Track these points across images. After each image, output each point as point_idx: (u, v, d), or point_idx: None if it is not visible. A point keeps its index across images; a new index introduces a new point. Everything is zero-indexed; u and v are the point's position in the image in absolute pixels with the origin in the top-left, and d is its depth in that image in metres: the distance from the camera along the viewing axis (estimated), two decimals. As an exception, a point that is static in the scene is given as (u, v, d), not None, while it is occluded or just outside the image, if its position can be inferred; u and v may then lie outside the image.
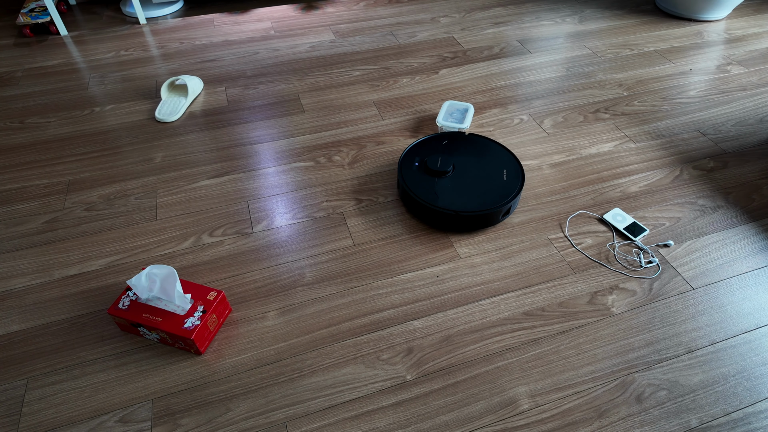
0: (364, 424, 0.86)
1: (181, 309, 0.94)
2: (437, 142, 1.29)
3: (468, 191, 1.16)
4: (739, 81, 1.69)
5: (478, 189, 1.16)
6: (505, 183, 1.16)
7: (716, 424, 0.86)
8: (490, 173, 1.20)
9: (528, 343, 0.97)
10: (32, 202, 1.27)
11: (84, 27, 2.03)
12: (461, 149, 1.26)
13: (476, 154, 1.25)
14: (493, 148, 1.27)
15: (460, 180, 1.18)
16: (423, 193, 1.14)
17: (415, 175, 1.19)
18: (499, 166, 1.21)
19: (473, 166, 1.21)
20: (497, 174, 1.19)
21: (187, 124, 1.52)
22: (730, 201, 1.26)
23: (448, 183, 1.17)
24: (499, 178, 1.17)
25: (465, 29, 2.00)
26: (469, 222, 1.13)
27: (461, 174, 1.19)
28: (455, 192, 1.15)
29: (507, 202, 1.13)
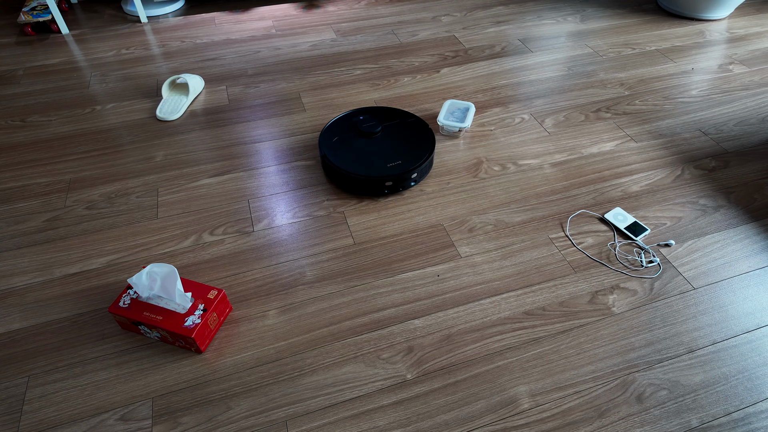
0: (364, 423, 0.86)
1: (182, 307, 0.94)
2: (354, 117, 1.38)
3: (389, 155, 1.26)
4: (741, 80, 1.68)
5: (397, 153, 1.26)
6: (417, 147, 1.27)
7: (717, 424, 0.86)
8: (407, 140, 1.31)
9: (528, 342, 0.97)
10: (33, 200, 1.27)
11: (85, 25, 2.03)
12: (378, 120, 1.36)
13: (394, 124, 1.35)
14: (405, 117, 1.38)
15: (380, 146, 1.28)
16: (344, 162, 1.22)
17: (336, 144, 1.27)
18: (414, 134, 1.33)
19: (395, 134, 1.32)
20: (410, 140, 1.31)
21: (188, 123, 1.52)
22: (732, 201, 1.26)
23: (372, 148, 1.27)
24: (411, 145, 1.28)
25: (466, 28, 2.00)
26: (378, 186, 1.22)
27: (383, 140, 1.29)
28: (378, 156, 1.25)
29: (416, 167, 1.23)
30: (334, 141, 1.22)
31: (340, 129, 1.32)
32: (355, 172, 1.18)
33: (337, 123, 1.34)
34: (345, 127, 1.32)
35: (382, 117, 1.36)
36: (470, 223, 1.20)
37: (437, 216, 1.22)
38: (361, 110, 1.38)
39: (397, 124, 1.30)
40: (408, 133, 1.31)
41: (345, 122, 1.35)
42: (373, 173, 1.19)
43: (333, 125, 1.33)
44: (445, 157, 1.39)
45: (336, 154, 1.21)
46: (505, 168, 1.36)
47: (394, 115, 1.35)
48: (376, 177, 1.18)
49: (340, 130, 1.31)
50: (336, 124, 1.33)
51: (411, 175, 1.23)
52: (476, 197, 1.27)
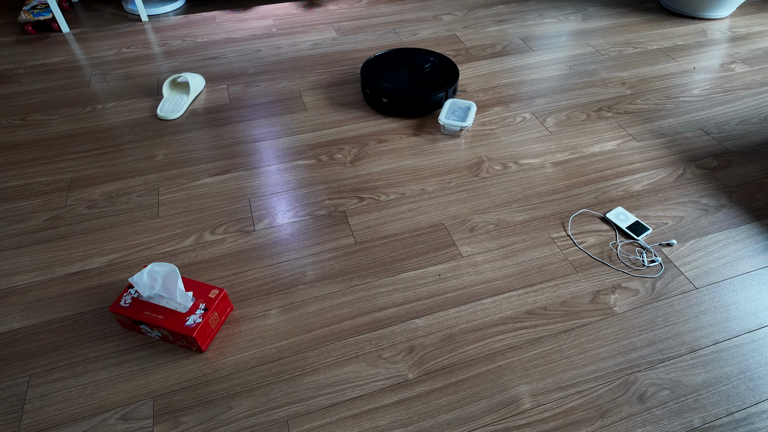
0: (365, 423, 0.86)
1: (183, 307, 0.94)
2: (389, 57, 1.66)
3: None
4: (743, 79, 1.68)
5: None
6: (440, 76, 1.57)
7: (719, 424, 0.86)
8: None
9: (530, 342, 0.97)
10: (34, 199, 1.27)
11: (86, 24, 2.03)
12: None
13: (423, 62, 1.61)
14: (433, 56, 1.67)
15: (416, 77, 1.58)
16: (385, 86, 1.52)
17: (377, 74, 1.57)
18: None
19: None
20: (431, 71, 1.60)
21: (188, 122, 1.52)
22: (734, 200, 1.26)
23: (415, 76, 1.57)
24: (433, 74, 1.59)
25: (467, 27, 1.99)
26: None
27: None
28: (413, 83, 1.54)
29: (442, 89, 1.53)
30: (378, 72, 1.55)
31: (381, 64, 1.61)
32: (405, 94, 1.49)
33: (377, 59, 1.63)
34: (385, 62, 1.62)
35: (419, 56, 1.64)
36: (471, 223, 1.20)
37: (438, 215, 1.22)
38: (395, 50, 1.68)
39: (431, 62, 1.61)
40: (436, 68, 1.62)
41: (383, 59, 1.64)
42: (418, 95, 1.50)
43: (373, 61, 1.62)
44: (447, 156, 1.39)
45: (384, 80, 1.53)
46: (507, 167, 1.36)
47: (425, 55, 1.66)
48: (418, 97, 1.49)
49: (380, 65, 1.61)
50: (375, 61, 1.63)
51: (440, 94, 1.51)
52: (477, 196, 1.27)
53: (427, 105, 1.50)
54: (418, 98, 1.47)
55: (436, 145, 1.43)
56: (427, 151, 1.40)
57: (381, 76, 1.53)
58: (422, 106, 1.50)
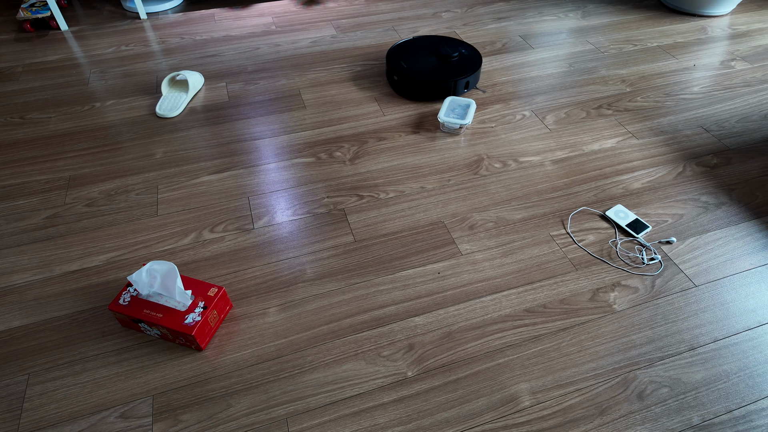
0: (364, 421, 0.86)
1: (182, 305, 0.94)
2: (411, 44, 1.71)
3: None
4: (743, 77, 1.68)
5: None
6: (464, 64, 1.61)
7: (718, 422, 0.86)
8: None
9: (529, 339, 0.97)
10: (33, 197, 1.27)
11: (84, 22, 2.02)
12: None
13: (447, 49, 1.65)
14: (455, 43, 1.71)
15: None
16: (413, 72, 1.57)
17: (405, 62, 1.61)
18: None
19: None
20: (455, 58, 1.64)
21: (187, 120, 1.52)
22: (734, 198, 1.26)
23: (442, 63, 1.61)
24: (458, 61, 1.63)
25: (467, 24, 1.99)
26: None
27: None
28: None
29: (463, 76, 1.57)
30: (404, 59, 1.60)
31: (412, 47, 1.67)
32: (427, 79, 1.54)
33: (400, 47, 1.68)
34: (417, 46, 1.68)
35: (442, 44, 1.69)
36: (471, 221, 1.20)
37: (438, 213, 1.22)
38: (419, 38, 1.73)
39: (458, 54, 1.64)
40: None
41: (407, 46, 1.69)
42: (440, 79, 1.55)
43: (397, 48, 1.67)
44: (446, 154, 1.39)
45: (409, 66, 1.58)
46: (506, 165, 1.35)
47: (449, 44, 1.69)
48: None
49: (406, 51, 1.66)
50: (399, 48, 1.67)
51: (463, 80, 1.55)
52: (477, 194, 1.27)
53: (434, 90, 1.53)
54: (425, 81, 1.51)
55: (435, 142, 1.42)
56: (427, 149, 1.40)
57: (404, 57, 1.59)
58: (428, 90, 1.53)
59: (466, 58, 1.61)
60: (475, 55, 1.63)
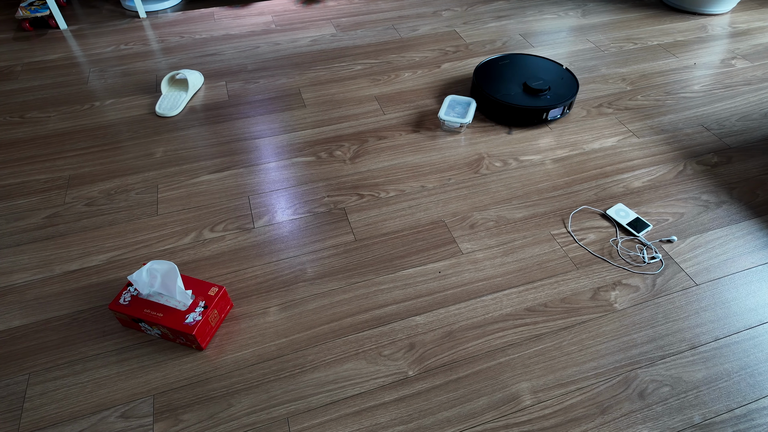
0: (365, 420, 0.86)
1: (183, 305, 0.94)
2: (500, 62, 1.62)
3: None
4: (744, 75, 1.67)
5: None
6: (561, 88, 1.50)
7: (719, 421, 0.86)
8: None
9: (530, 339, 0.97)
10: (32, 197, 1.27)
11: (83, 21, 2.02)
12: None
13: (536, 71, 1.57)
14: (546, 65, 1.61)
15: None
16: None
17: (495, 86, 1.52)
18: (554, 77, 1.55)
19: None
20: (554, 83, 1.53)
21: (187, 119, 1.51)
22: (734, 196, 1.25)
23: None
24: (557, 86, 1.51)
25: (467, 23, 1.99)
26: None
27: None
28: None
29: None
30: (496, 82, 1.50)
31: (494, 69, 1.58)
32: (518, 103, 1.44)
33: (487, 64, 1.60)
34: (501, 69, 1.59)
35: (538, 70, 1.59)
36: (472, 220, 1.20)
37: (438, 212, 1.22)
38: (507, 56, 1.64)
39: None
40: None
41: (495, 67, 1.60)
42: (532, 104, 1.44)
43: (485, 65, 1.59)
44: (446, 152, 1.39)
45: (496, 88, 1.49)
46: (507, 164, 1.35)
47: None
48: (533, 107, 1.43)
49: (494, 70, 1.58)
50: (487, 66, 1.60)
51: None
52: (477, 193, 1.27)
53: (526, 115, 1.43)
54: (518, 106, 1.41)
55: (435, 141, 1.42)
56: (427, 148, 1.40)
57: (495, 80, 1.51)
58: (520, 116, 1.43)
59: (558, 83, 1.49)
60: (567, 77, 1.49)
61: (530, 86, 1.45)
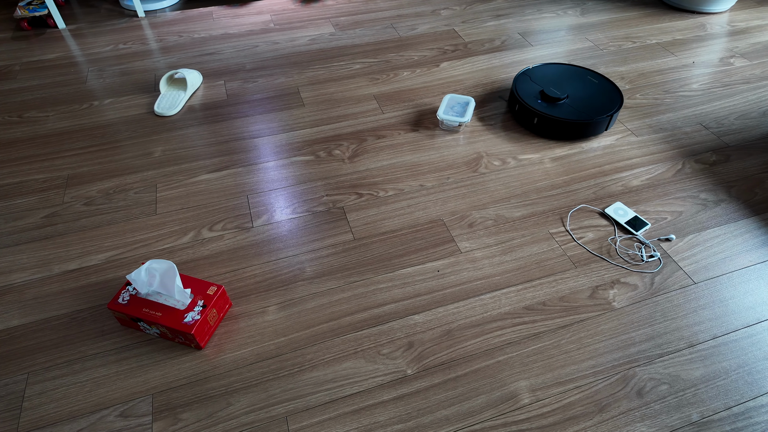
0: (364, 419, 0.86)
1: (181, 304, 0.94)
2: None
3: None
4: (742, 74, 1.68)
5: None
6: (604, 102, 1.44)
7: (717, 418, 0.86)
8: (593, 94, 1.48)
9: (529, 337, 0.97)
10: (31, 196, 1.27)
11: (82, 20, 2.01)
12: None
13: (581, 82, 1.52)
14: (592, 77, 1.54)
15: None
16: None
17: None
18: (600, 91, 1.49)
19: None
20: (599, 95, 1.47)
21: (186, 118, 1.51)
22: (733, 195, 1.26)
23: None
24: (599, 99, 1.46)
25: (466, 22, 1.98)
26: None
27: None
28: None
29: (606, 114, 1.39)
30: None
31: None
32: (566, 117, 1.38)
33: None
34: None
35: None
36: (470, 218, 1.20)
37: (437, 211, 1.22)
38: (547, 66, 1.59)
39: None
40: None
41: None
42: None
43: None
44: (445, 151, 1.39)
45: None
46: (506, 163, 1.35)
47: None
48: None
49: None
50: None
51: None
52: (476, 192, 1.27)
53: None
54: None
55: (434, 140, 1.42)
56: (426, 147, 1.40)
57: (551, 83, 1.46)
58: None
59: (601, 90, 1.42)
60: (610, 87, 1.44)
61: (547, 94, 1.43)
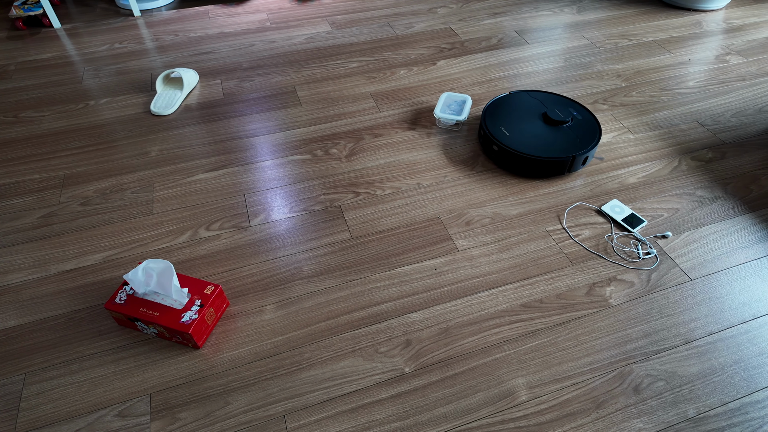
0: (362, 417, 0.86)
1: (179, 303, 0.94)
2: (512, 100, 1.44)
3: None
4: (738, 71, 1.68)
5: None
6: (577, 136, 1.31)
7: (713, 414, 0.86)
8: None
9: (526, 334, 0.98)
10: (27, 196, 1.26)
11: (77, 19, 2.01)
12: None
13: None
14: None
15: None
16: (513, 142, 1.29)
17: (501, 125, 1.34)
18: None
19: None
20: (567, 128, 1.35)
21: (182, 118, 1.51)
22: (728, 192, 1.26)
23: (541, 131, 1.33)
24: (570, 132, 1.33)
25: (462, 20, 1.98)
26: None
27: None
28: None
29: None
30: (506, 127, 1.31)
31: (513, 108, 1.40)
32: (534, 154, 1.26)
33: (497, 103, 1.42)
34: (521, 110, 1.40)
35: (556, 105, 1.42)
36: (467, 216, 1.20)
37: (434, 209, 1.22)
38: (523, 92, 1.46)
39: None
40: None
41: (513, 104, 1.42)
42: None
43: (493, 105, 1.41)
44: (442, 150, 1.39)
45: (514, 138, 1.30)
46: (502, 161, 1.35)
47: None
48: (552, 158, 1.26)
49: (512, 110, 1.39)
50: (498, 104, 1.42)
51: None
52: (473, 190, 1.27)
53: (546, 167, 1.26)
54: (536, 158, 1.24)
55: (431, 139, 1.42)
56: (423, 145, 1.40)
57: (504, 118, 1.34)
58: (539, 167, 1.26)
59: (578, 122, 1.33)
60: (588, 117, 1.35)
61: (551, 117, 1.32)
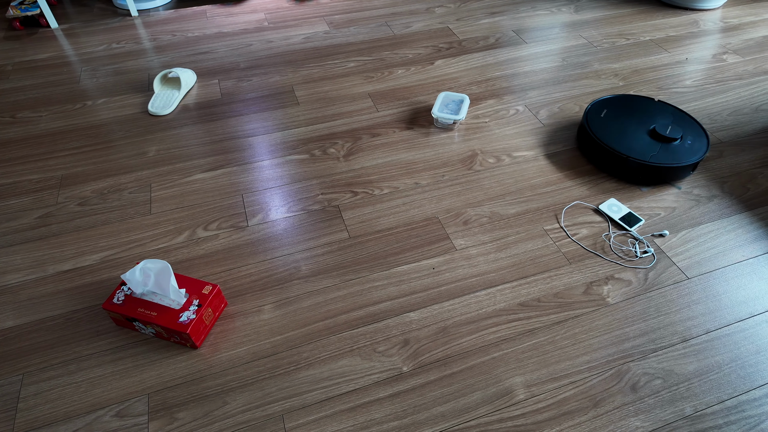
0: (360, 416, 0.86)
1: (176, 303, 0.94)
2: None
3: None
4: (735, 70, 1.68)
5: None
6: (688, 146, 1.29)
7: (710, 412, 0.87)
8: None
9: (524, 333, 0.98)
10: (25, 197, 1.26)
11: (74, 19, 2.00)
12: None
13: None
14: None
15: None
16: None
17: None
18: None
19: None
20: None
21: (180, 118, 1.51)
22: (726, 190, 1.26)
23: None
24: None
25: (460, 19, 1.99)
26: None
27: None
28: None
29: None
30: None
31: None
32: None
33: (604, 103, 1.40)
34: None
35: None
36: (465, 216, 1.20)
37: (432, 209, 1.22)
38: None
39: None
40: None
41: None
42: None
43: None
44: (440, 149, 1.39)
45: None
46: (500, 160, 1.36)
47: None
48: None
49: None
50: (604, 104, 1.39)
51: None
52: (471, 189, 1.27)
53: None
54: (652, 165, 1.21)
55: (429, 138, 1.42)
56: (421, 145, 1.40)
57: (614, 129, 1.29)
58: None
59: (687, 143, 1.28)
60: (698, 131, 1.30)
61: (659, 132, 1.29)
